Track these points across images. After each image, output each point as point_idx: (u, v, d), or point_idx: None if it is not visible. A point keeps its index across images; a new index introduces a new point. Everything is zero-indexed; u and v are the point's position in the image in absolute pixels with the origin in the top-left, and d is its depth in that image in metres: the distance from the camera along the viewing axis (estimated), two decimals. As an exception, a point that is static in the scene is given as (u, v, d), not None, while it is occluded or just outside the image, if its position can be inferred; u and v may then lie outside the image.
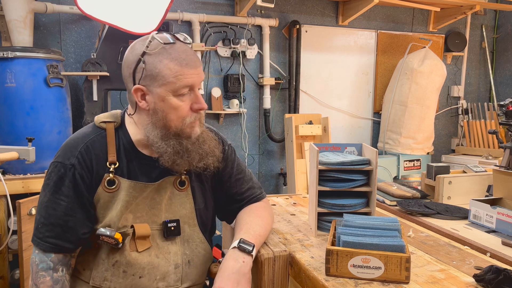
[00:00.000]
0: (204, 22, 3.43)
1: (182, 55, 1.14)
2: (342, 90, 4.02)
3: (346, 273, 1.06)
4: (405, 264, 1.03)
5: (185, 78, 1.14)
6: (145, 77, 1.14)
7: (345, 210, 1.34)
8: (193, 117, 1.19)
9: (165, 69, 1.13)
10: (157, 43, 1.14)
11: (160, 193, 1.24)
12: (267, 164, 3.83)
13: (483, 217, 1.49)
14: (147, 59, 1.14)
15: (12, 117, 2.48)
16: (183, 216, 1.26)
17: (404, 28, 4.17)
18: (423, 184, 1.94)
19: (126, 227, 1.19)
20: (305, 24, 3.77)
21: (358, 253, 1.05)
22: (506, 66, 4.40)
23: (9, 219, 2.36)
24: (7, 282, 2.42)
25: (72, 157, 1.18)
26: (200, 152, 1.21)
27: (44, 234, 1.17)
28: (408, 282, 1.04)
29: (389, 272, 1.04)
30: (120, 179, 1.20)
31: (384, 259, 1.04)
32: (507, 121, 1.69)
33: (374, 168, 1.32)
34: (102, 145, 1.21)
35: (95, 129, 1.24)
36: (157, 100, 1.15)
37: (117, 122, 1.24)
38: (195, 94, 1.18)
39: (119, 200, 1.19)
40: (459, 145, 4.37)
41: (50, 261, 1.17)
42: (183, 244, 1.26)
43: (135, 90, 1.16)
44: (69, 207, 1.17)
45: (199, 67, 1.17)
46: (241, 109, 3.58)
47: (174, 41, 1.16)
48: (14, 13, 2.63)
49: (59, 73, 2.61)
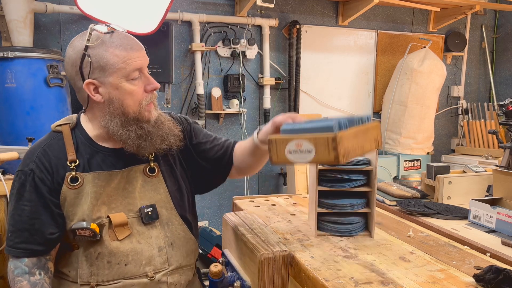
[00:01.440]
0: (204, 22, 3.43)
1: (124, 40, 1.17)
2: (342, 90, 4.02)
3: (284, 160, 1.08)
4: (331, 144, 1.00)
5: (133, 61, 1.16)
6: (94, 70, 1.15)
7: (345, 210, 1.34)
8: (148, 98, 1.21)
9: (112, 57, 1.14)
10: (97, 34, 1.15)
11: (132, 182, 1.25)
12: (267, 164, 3.82)
13: (483, 217, 1.49)
14: (91, 52, 1.15)
15: (12, 117, 2.48)
16: (159, 201, 1.28)
17: (404, 28, 4.17)
18: (423, 184, 1.94)
19: (100, 218, 1.20)
20: (305, 24, 3.77)
21: (291, 138, 1.06)
22: (506, 66, 4.40)
23: (9, 219, 2.36)
24: (7, 282, 2.42)
25: (31, 163, 1.20)
26: (161, 133, 1.24)
27: (14, 240, 1.18)
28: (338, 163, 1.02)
29: (319, 154, 1.03)
30: (83, 174, 1.21)
31: (313, 142, 1.03)
32: (507, 121, 1.69)
33: (374, 168, 1.32)
34: (60, 146, 1.22)
35: (52, 134, 1.26)
36: (111, 90, 1.16)
37: (72, 123, 1.26)
38: (146, 76, 1.20)
39: (86, 194, 1.20)
40: (459, 145, 4.37)
41: (25, 266, 1.18)
42: (163, 228, 1.28)
43: (86, 84, 1.16)
44: (33, 210, 1.18)
45: (142, 50, 1.20)
46: (241, 109, 3.58)
47: (112, 30, 1.18)
48: (14, 13, 2.63)
49: (59, 73, 2.61)
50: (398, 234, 1.39)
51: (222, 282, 1.36)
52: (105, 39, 1.15)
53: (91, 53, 1.14)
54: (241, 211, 1.65)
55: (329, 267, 1.13)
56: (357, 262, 1.16)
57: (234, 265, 1.45)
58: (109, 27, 1.18)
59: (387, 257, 1.19)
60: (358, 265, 1.13)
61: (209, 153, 1.39)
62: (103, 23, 1.19)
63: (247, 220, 1.52)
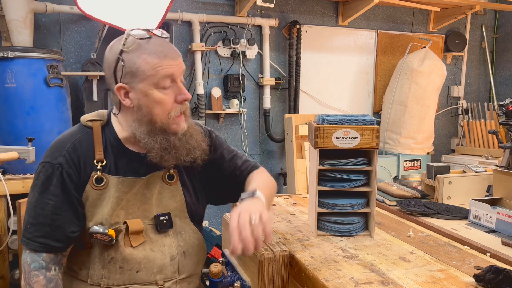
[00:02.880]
0: (204, 22, 3.43)
1: (159, 48, 1.15)
2: (342, 90, 4.02)
3: (330, 145, 1.28)
4: (375, 134, 1.27)
5: (164, 69, 1.13)
6: (126, 75, 1.15)
7: (345, 210, 1.34)
8: (178, 109, 1.18)
9: (143, 64, 1.13)
10: (133, 39, 1.14)
11: (150, 188, 1.24)
12: (267, 164, 3.83)
13: (483, 217, 1.49)
14: (125, 56, 1.14)
15: (12, 117, 2.48)
16: (174, 210, 1.27)
17: (404, 28, 4.17)
18: (423, 184, 1.94)
19: (118, 223, 1.19)
20: (305, 24, 3.77)
21: (340, 127, 1.27)
22: (506, 66, 4.40)
23: (9, 219, 2.36)
24: (7, 282, 2.43)
25: (60, 156, 1.18)
26: (188, 147, 1.22)
27: (33, 234, 1.17)
28: (378, 148, 1.29)
29: (364, 141, 1.27)
30: (108, 177, 1.20)
31: (360, 131, 1.27)
32: (507, 121, 1.69)
33: (374, 168, 1.32)
34: (89, 143, 1.21)
35: (82, 128, 1.25)
36: (140, 96, 1.15)
37: (103, 120, 1.25)
38: (178, 86, 1.18)
39: (108, 197, 1.19)
40: (459, 145, 4.37)
41: (42, 260, 1.17)
42: (176, 236, 1.27)
43: (117, 88, 1.16)
44: (57, 206, 1.17)
45: (178, 58, 1.18)
46: (241, 109, 3.58)
47: (150, 36, 1.16)
48: (14, 13, 2.63)
49: (59, 73, 2.61)
50: (398, 234, 1.39)
51: (222, 282, 1.36)
52: (141, 45, 1.14)
53: (125, 58, 1.14)
54: (241, 211, 1.65)
55: (329, 267, 1.13)
56: (357, 262, 1.15)
57: (234, 265, 1.45)
58: (150, 31, 1.16)
59: (387, 257, 1.19)
60: (358, 265, 1.13)
61: (224, 171, 1.37)
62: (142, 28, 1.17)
63: (247, 220, 1.52)
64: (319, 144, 1.27)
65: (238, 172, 1.38)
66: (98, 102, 2.69)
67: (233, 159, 1.39)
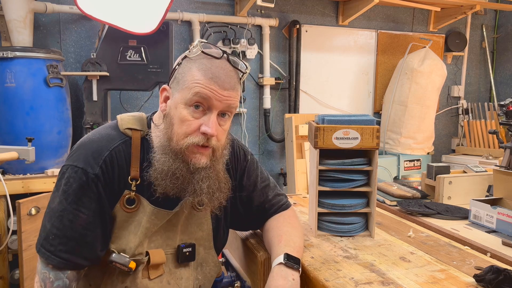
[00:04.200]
0: (204, 22, 3.43)
1: (214, 69, 1.04)
2: (342, 90, 4.02)
3: (330, 145, 1.28)
4: (375, 134, 1.27)
5: (203, 88, 1.02)
6: (174, 80, 1.09)
7: (345, 210, 1.34)
8: (198, 138, 1.04)
9: (189, 75, 1.05)
10: (198, 50, 1.06)
11: (177, 214, 1.14)
12: (267, 164, 3.83)
13: (483, 217, 1.49)
14: (184, 63, 1.08)
15: (12, 117, 2.48)
16: (199, 239, 1.19)
17: (404, 28, 4.17)
18: (423, 184, 1.93)
19: (141, 254, 1.11)
20: (305, 24, 3.77)
21: (340, 127, 1.28)
22: (506, 66, 4.40)
23: (9, 219, 2.36)
24: (7, 282, 2.42)
25: (96, 166, 1.05)
26: (195, 187, 1.08)
27: (57, 247, 1.04)
28: (378, 148, 1.29)
29: (364, 141, 1.27)
30: (141, 199, 1.10)
31: (360, 131, 1.27)
32: (507, 121, 1.69)
33: (374, 168, 1.32)
34: (127, 155, 1.09)
35: (120, 134, 1.12)
36: (172, 105, 1.07)
37: (144, 131, 1.13)
38: (211, 117, 1.04)
39: (138, 224, 1.09)
40: (459, 145, 4.37)
41: (66, 279, 1.06)
42: (196, 269, 1.20)
43: (162, 89, 1.11)
44: (90, 221, 1.05)
45: (229, 90, 1.04)
46: (241, 109, 3.58)
47: (218, 57, 1.06)
48: (14, 13, 2.63)
49: (59, 73, 2.61)
50: (398, 234, 1.39)
51: (222, 282, 1.36)
52: (201, 58, 1.06)
53: (182, 64, 1.08)
54: (241, 211, 1.65)
55: (329, 267, 1.12)
56: (357, 262, 1.15)
57: (234, 265, 1.45)
58: (225, 53, 1.08)
59: (387, 257, 1.19)
60: (358, 265, 1.13)
61: (253, 200, 1.28)
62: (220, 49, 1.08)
63: (247, 220, 1.52)
64: (319, 144, 1.28)
65: (267, 205, 1.30)
66: (98, 102, 2.68)
67: (265, 189, 1.30)
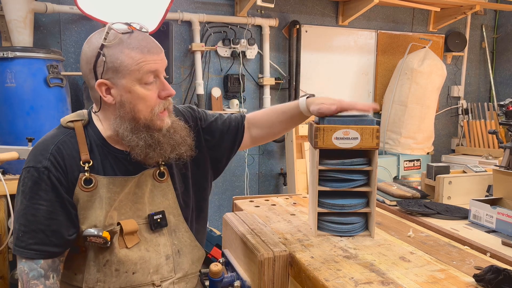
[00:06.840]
0: (204, 22, 3.43)
1: (142, 42, 1.11)
2: (342, 90, 4.02)
3: (329, 145, 1.27)
4: (375, 134, 1.27)
5: (148, 64, 1.11)
6: (107, 70, 1.11)
7: (345, 210, 1.34)
8: (162, 105, 1.16)
9: (126, 59, 1.09)
10: (115, 33, 1.10)
11: (141, 187, 1.22)
12: (267, 164, 3.83)
13: (483, 217, 1.49)
14: (107, 51, 1.10)
15: (12, 117, 2.48)
16: (167, 207, 1.25)
17: (404, 28, 4.17)
18: (423, 184, 1.93)
19: (112, 225, 1.17)
20: (305, 24, 3.77)
21: (340, 127, 1.27)
22: (506, 66, 4.40)
23: (9, 219, 2.36)
24: (7, 282, 2.42)
25: (44, 160, 1.13)
26: (172, 143, 1.19)
27: (27, 242, 1.12)
28: (378, 148, 1.29)
29: (364, 141, 1.27)
30: (97, 177, 1.17)
31: (360, 131, 1.27)
32: (507, 121, 1.69)
33: (374, 168, 1.32)
34: (73, 144, 1.17)
35: (63, 129, 1.20)
36: (123, 92, 1.12)
37: (85, 120, 1.21)
38: (161, 81, 1.15)
39: (100, 198, 1.16)
40: (459, 145, 4.37)
41: (40, 268, 1.13)
42: (170, 235, 1.25)
43: (98, 85, 1.12)
44: (50, 210, 1.12)
45: (161, 53, 1.15)
46: (241, 109, 3.58)
47: (131, 30, 1.12)
48: (14, 13, 2.63)
49: (59, 73, 2.61)
50: (398, 234, 1.39)
51: (222, 281, 1.36)
52: (123, 39, 1.10)
53: (106, 53, 1.10)
54: (241, 211, 1.65)
55: (329, 267, 1.13)
56: (357, 262, 1.15)
57: (234, 265, 1.45)
58: (129, 25, 1.13)
59: (387, 257, 1.19)
60: (358, 265, 1.13)
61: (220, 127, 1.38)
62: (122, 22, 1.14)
63: (247, 220, 1.52)
64: (319, 144, 1.28)
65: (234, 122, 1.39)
66: (98, 102, 2.69)
67: (221, 116, 1.41)
